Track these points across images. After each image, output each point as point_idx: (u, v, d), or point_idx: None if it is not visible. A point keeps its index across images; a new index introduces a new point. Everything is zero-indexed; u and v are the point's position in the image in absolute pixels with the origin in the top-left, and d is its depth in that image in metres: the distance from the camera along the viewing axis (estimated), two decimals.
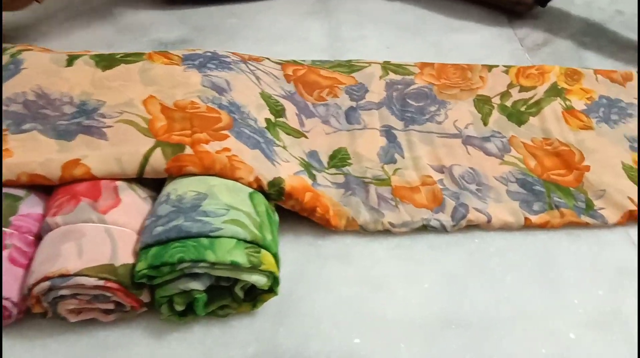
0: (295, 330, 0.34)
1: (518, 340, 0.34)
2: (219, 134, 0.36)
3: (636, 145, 0.48)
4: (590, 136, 0.48)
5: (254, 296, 0.33)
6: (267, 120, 0.41)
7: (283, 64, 0.49)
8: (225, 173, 0.34)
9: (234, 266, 0.30)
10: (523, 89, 0.52)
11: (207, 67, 0.42)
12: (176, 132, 0.36)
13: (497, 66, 0.54)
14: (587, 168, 0.44)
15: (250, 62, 0.47)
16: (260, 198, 0.35)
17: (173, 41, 0.53)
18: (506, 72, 0.53)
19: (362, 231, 0.39)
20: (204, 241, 0.31)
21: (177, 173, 0.34)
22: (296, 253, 0.38)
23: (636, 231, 0.41)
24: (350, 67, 0.51)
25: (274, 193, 0.36)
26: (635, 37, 0.59)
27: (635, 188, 0.44)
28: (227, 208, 0.32)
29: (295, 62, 0.50)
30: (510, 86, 0.52)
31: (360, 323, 0.34)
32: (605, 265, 0.38)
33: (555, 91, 0.51)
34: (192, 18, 0.56)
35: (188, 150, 0.34)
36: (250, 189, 0.35)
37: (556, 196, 0.42)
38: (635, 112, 0.51)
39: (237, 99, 0.40)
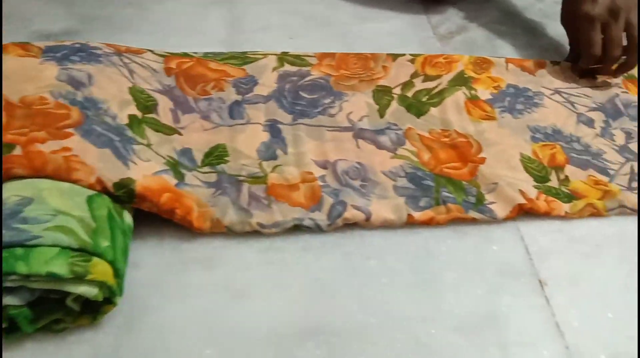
0: (141, 344, 0.31)
1: (383, 348, 0.32)
2: (62, 132, 0.33)
3: (538, 136, 0.46)
4: (492, 126, 0.45)
5: (95, 308, 0.31)
6: (132, 117, 0.38)
7: (166, 57, 0.46)
8: (60, 175, 0.31)
9: (53, 277, 0.28)
10: (427, 78, 0.49)
11: (69, 60, 0.39)
12: (12, 131, 0.33)
13: (403, 55, 0.51)
14: (483, 160, 0.42)
15: (126, 54, 0.44)
16: (102, 201, 0.32)
17: (57, 33, 0.49)
18: (412, 61, 0.50)
19: (230, 233, 0.36)
20: (18, 251, 0.27)
21: (4, 176, 0.31)
22: (157, 259, 0.35)
23: (526, 226, 0.39)
24: (243, 59, 0.48)
25: (122, 195, 0.33)
26: (550, 23, 0.58)
27: (531, 179, 0.42)
28: (54, 213, 0.29)
29: (185, 55, 0.48)
30: (414, 75, 0.49)
31: (215, 334, 0.32)
32: (488, 264, 0.36)
33: (461, 80, 0.49)
34: (82, 8, 0.52)
35: (18, 150, 0.31)
36: (91, 192, 0.32)
37: (445, 191, 0.40)
38: (542, 101, 0.49)
39: (96, 94, 0.37)
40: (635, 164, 0.44)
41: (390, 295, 0.34)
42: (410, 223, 0.38)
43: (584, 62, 0.49)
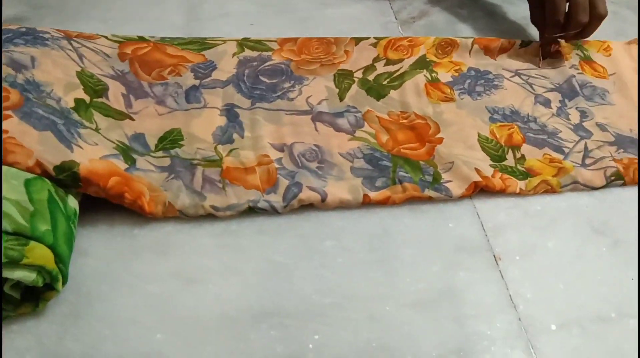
0: (87, 333, 0.30)
1: (338, 327, 0.31)
2: None
3: (496, 116, 0.46)
4: (450, 108, 0.46)
5: (37, 296, 0.30)
6: (79, 100, 0.37)
7: (121, 43, 0.45)
8: None
9: None
10: (389, 62, 0.49)
11: (12, 43, 0.38)
12: None
13: (367, 38, 0.51)
14: (440, 141, 0.42)
15: (77, 39, 0.42)
16: (41, 184, 0.30)
17: (5, 20, 0.47)
18: (375, 45, 0.50)
19: (183, 216, 0.36)
20: None
21: None
22: (107, 245, 0.34)
23: (482, 203, 0.39)
24: (202, 44, 0.47)
25: (66, 179, 0.32)
26: (510, 7, 0.58)
27: (488, 158, 0.42)
28: None
29: (141, 39, 0.46)
30: (376, 59, 0.49)
31: (166, 320, 0.31)
32: (445, 241, 0.36)
33: (422, 64, 0.49)
34: None
35: None
36: (30, 175, 0.30)
37: (402, 171, 0.40)
38: (502, 84, 0.49)
39: (39, 77, 0.36)
40: (589, 141, 0.45)
41: (346, 275, 0.34)
42: (367, 203, 0.38)
43: (549, 30, 0.49)
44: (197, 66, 0.45)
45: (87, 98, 0.38)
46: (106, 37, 0.45)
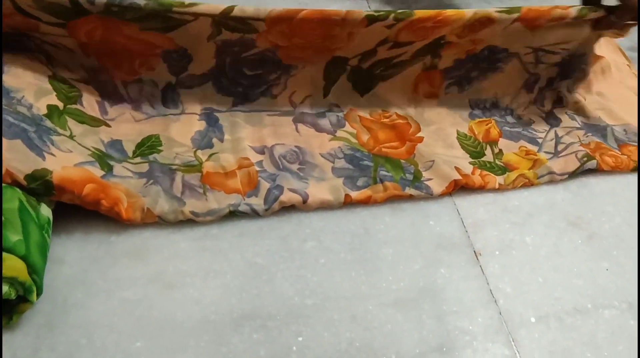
0: (63, 343, 0.29)
1: (320, 328, 0.31)
2: None
3: (476, 112, 0.47)
4: (431, 105, 0.46)
5: (11, 308, 0.29)
6: (51, 107, 0.36)
7: (69, 23, 0.34)
8: None
9: None
10: (396, 44, 0.40)
11: None
12: None
13: (387, 16, 0.37)
14: (421, 139, 0.43)
15: (35, 34, 0.36)
16: (11, 193, 0.30)
17: None
18: (391, 26, 0.38)
19: (163, 223, 0.35)
20: None
21: None
22: (82, 253, 0.33)
23: (462, 199, 0.39)
24: (166, 19, 0.36)
25: (38, 187, 0.31)
26: (488, 7, 0.59)
27: (467, 155, 0.43)
28: None
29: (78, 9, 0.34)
30: (382, 42, 0.40)
31: (144, 326, 0.30)
32: (425, 238, 0.36)
33: (431, 47, 0.41)
34: None
35: None
36: None
37: (383, 170, 0.40)
38: (505, 66, 0.44)
39: (9, 82, 0.35)
40: (559, 129, 0.45)
41: (327, 275, 0.34)
42: (348, 203, 0.38)
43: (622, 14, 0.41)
44: (168, 53, 0.39)
45: (60, 104, 0.37)
46: (41, 21, 0.34)
